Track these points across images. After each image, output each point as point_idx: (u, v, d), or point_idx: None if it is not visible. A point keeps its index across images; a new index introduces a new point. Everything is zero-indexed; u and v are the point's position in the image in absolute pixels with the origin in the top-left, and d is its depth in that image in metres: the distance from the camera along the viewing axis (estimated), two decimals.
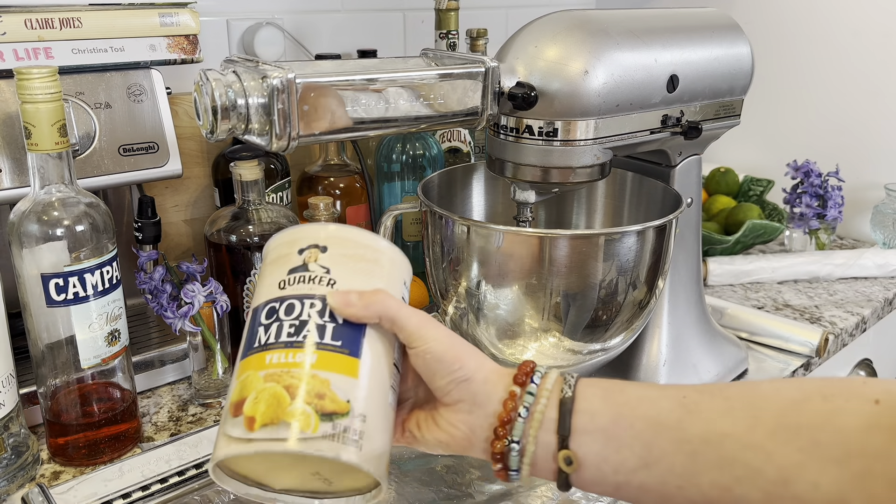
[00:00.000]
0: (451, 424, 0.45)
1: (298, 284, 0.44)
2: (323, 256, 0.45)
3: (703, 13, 0.77)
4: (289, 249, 0.45)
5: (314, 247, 0.45)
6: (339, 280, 0.44)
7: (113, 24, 0.74)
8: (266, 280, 0.45)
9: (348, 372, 0.42)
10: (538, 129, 0.65)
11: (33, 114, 0.60)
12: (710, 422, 0.40)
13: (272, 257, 0.46)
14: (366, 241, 0.46)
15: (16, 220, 0.63)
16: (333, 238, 0.46)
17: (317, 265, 0.44)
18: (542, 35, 0.65)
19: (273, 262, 0.46)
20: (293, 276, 0.44)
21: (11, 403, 0.65)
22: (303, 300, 0.43)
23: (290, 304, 0.43)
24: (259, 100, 0.55)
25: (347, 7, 1.16)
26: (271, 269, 0.46)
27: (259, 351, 0.42)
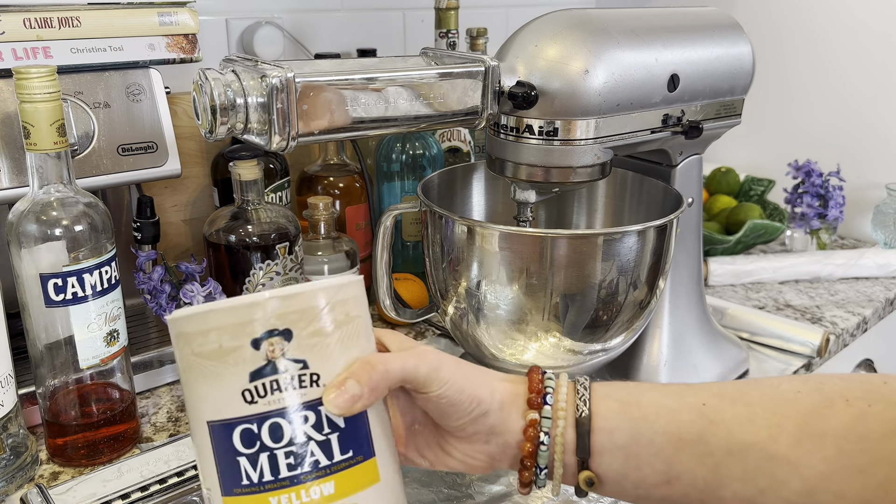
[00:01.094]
0: (468, 455, 0.43)
1: (273, 395, 0.35)
2: (290, 346, 0.35)
3: (703, 12, 0.77)
4: (235, 341, 0.35)
5: (273, 334, 0.35)
6: (321, 371, 0.36)
7: (112, 23, 0.74)
8: (213, 385, 0.35)
9: (371, 479, 0.37)
10: (538, 128, 0.65)
11: (32, 113, 0.60)
12: (732, 432, 0.39)
13: (208, 349, 0.35)
14: (326, 297, 0.36)
15: (14, 220, 0.63)
16: (290, 314, 0.35)
17: (287, 361, 0.35)
18: (543, 34, 0.65)
19: (214, 358, 0.35)
20: (262, 384, 0.35)
21: (10, 404, 0.65)
22: (289, 416, 0.35)
23: (273, 426, 0.35)
24: (258, 99, 0.54)
25: (347, 6, 1.16)
26: (215, 368, 0.35)
27: (256, 492, 0.35)
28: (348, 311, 0.37)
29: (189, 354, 0.36)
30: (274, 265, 0.81)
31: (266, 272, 0.81)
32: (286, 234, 0.82)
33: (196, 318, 0.35)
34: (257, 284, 0.81)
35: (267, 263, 0.81)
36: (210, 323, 0.35)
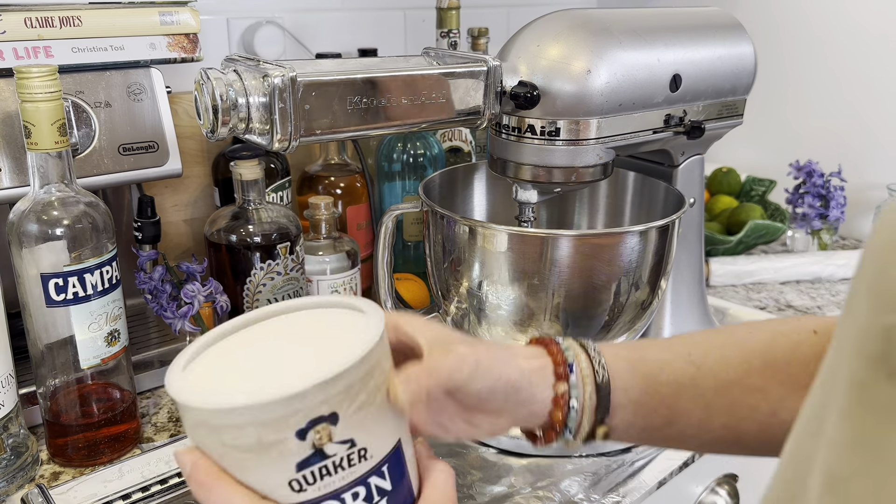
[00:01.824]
0: (494, 424, 0.45)
1: (323, 480, 0.33)
2: (337, 429, 0.33)
3: (705, 12, 0.76)
4: (277, 434, 0.32)
5: (320, 422, 0.32)
6: (368, 445, 0.34)
7: (113, 22, 0.74)
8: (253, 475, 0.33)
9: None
10: (540, 128, 0.65)
11: (33, 113, 0.60)
12: (716, 374, 0.46)
13: (244, 442, 0.32)
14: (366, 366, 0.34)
15: (15, 219, 0.63)
16: (335, 396, 0.32)
17: (335, 445, 0.33)
18: (545, 34, 0.65)
19: (252, 451, 0.32)
20: (311, 473, 0.33)
21: (11, 404, 0.65)
22: (341, 496, 0.34)
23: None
24: (260, 99, 0.54)
25: (348, 6, 1.16)
26: (254, 459, 0.32)
27: None
28: (383, 367, 0.36)
29: (219, 445, 0.33)
30: (275, 265, 0.81)
31: (267, 272, 0.81)
32: (287, 233, 0.82)
33: (226, 414, 0.32)
34: (258, 284, 0.81)
35: (268, 263, 0.81)
36: (245, 417, 0.31)
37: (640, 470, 0.69)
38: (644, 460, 0.71)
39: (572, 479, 0.67)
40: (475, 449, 0.72)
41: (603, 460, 0.70)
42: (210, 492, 0.32)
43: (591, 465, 0.69)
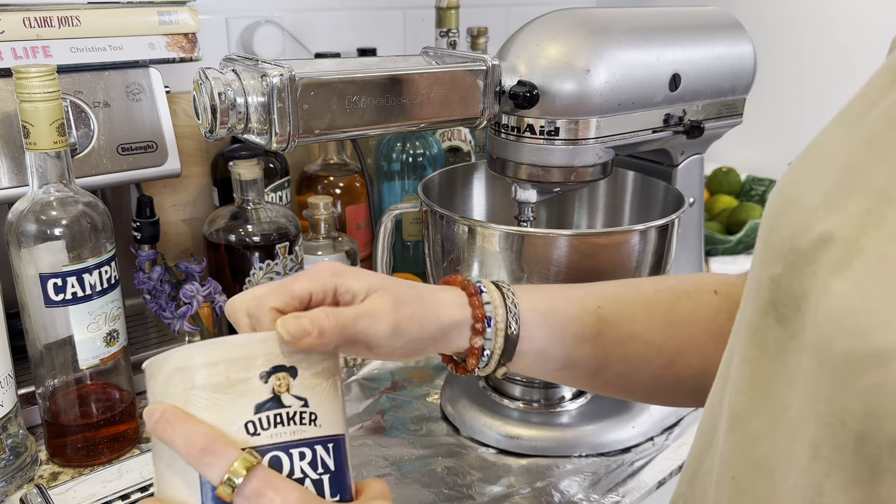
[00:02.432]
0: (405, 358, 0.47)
1: (276, 428, 0.35)
2: (295, 383, 0.36)
3: (705, 12, 0.76)
4: (244, 373, 0.35)
5: (281, 369, 0.36)
6: (318, 412, 0.37)
7: (111, 22, 0.74)
8: (214, 418, 0.35)
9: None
10: (539, 128, 0.65)
11: (31, 113, 0.60)
12: (620, 328, 0.50)
13: (215, 381, 0.35)
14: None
15: (14, 219, 0.63)
16: (296, 354, 0.37)
17: (291, 396, 0.36)
18: (544, 33, 0.65)
19: (220, 390, 0.35)
20: (266, 417, 0.35)
21: (10, 404, 0.65)
22: (288, 451, 0.36)
23: (274, 459, 0.35)
24: (258, 98, 0.54)
25: (347, 5, 1.16)
26: (219, 399, 0.35)
27: None
28: (337, 365, 0.40)
29: (188, 389, 0.36)
30: (274, 265, 0.81)
31: (266, 272, 0.81)
32: (286, 233, 0.82)
33: (204, 350, 0.36)
34: (257, 284, 0.81)
35: (267, 263, 0.81)
36: (219, 355, 0.36)
37: (640, 470, 0.69)
38: (644, 460, 0.71)
39: (572, 479, 0.67)
40: (475, 449, 0.72)
41: (603, 460, 0.70)
42: (175, 428, 0.35)
43: (590, 465, 0.69)
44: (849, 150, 0.29)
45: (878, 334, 0.23)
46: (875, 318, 0.23)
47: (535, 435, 0.71)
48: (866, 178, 0.27)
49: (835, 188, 0.28)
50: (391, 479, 0.67)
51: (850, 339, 0.24)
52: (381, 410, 0.78)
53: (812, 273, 0.27)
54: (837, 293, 0.25)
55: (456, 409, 0.75)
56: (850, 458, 0.24)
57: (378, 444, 0.72)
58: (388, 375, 0.84)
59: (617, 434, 0.71)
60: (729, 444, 0.33)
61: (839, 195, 0.27)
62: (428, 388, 0.82)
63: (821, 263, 0.27)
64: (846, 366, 0.24)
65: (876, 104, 0.29)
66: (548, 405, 0.75)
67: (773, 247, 0.30)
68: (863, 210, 0.26)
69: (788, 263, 0.29)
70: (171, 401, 0.36)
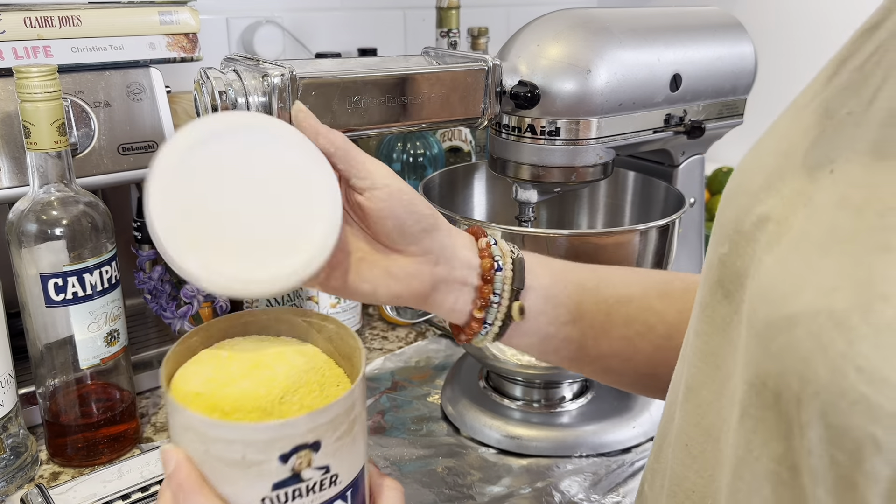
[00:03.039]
0: (412, 276, 0.46)
1: (294, 501, 0.34)
2: (317, 456, 0.34)
3: (706, 12, 0.76)
4: (262, 455, 0.33)
5: (303, 448, 0.34)
6: (340, 471, 0.36)
7: (112, 22, 0.74)
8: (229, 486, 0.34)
9: None
10: (540, 128, 0.65)
11: (32, 112, 0.60)
12: (618, 288, 0.51)
13: (230, 457, 0.33)
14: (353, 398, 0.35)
15: (14, 219, 0.63)
16: (321, 426, 0.34)
17: (312, 470, 0.34)
18: (545, 34, 0.65)
19: (235, 466, 0.33)
20: (284, 493, 0.34)
21: (10, 404, 0.65)
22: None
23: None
24: (259, 99, 0.54)
25: (347, 5, 1.16)
26: (234, 473, 0.34)
27: None
28: (363, 398, 0.37)
29: (203, 451, 0.34)
30: None
31: None
32: None
33: (218, 428, 0.33)
34: None
35: None
36: (235, 435, 0.33)
37: (640, 470, 0.69)
38: (644, 460, 0.71)
39: (572, 479, 0.67)
40: (475, 449, 0.72)
41: (603, 460, 0.70)
42: (188, 496, 0.33)
43: (590, 465, 0.69)
44: (790, 138, 0.31)
45: (789, 302, 0.25)
46: (788, 288, 0.26)
47: (535, 435, 0.71)
48: (800, 162, 0.29)
49: (774, 173, 0.30)
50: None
51: (769, 308, 0.26)
52: (382, 410, 0.78)
53: (752, 251, 0.30)
54: (766, 267, 0.28)
55: (456, 409, 0.75)
56: (770, 414, 0.26)
57: (378, 444, 0.72)
58: (388, 375, 0.84)
59: (617, 434, 0.71)
60: (683, 414, 0.35)
61: (777, 179, 0.30)
62: (428, 388, 0.82)
63: (758, 242, 0.29)
64: (766, 332, 0.26)
65: (817, 95, 0.30)
66: (548, 405, 0.75)
67: (722, 229, 0.33)
68: (794, 191, 0.28)
69: (733, 243, 0.31)
70: (186, 448, 0.34)
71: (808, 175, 0.28)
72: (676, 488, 0.34)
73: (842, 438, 0.23)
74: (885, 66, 0.27)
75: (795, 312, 0.25)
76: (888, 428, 0.21)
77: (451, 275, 0.47)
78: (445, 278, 0.47)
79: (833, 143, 0.28)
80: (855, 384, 0.22)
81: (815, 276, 0.25)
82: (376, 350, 0.89)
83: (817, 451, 0.24)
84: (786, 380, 0.25)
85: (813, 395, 0.24)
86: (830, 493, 0.24)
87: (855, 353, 0.22)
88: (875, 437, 0.22)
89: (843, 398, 0.23)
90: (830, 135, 0.28)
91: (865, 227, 0.24)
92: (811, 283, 0.25)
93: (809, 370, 0.24)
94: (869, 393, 0.22)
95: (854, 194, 0.25)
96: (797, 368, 0.24)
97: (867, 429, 0.22)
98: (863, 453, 0.22)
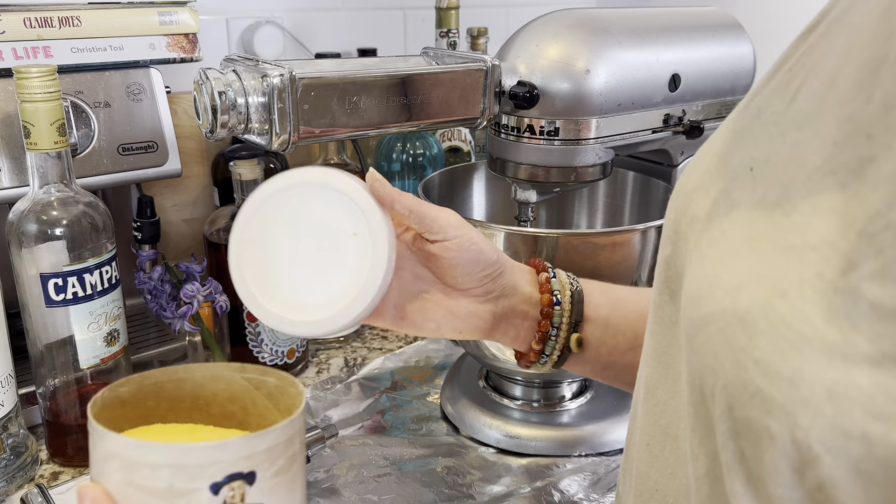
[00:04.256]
0: (474, 314, 0.50)
1: None
2: (252, 490, 0.32)
3: (704, 12, 0.76)
4: (191, 483, 0.30)
5: (236, 478, 0.31)
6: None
7: (112, 22, 0.74)
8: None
9: None
10: (539, 128, 0.65)
11: (32, 113, 0.60)
12: None
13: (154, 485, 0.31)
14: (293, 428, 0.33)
15: (14, 219, 0.63)
16: (258, 454, 0.31)
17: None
18: (544, 34, 0.65)
19: (159, 496, 0.31)
20: None
21: (10, 404, 0.65)
22: None
23: None
24: (259, 99, 0.54)
25: (347, 6, 1.16)
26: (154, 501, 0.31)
27: None
28: (303, 435, 0.35)
29: (125, 483, 0.31)
30: None
31: None
32: None
33: (146, 451, 0.30)
34: None
35: None
36: (163, 458, 0.30)
37: None
38: None
39: (572, 479, 0.67)
40: (475, 449, 0.72)
41: (603, 460, 0.70)
42: None
43: (591, 464, 0.70)
44: (724, 139, 0.31)
45: (705, 300, 0.26)
46: (705, 286, 0.26)
47: (535, 434, 0.71)
48: (727, 162, 0.29)
49: (705, 172, 0.31)
50: (391, 478, 0.67)
51: (691, 307, 0.27)
52: (382, 410, 0.78)
53: (686, 251, 0.30)
54: (692, 266, 0.28)
55: (456, 408, 0.75)
56: (700, 411, 0.27)
57: (378, 443, 0.72)
58: (388, 375, 0.84)
59: (617, 433, 0.72)
60: (643, 413, 0.35)
61: (707, 179, 0.30)
62: (428, 388, 0.82)
63: (689, 241, 0.30)
64: (690, 330, 0.27)
65: (755, 96, 0.31)
66: (548, 405, 0.75)
67: (665, 231, 0.34)
68: (719, 190, 0.29)
69: (673, 244, 0.32)
70: (107, 483, 0.32)
71: (731, 174, 0.28)
72: (642, 487, 0.35)
73: (746, 431, 0.23)
74: (809, 65, 0.27)
75: (709, 311, 0.25)
76: (779, 420, 0.22)
77: (513, 310, 0.51)
78: (506, 314, 0.51)
79: (756, 142, 0.28)
80: (753, 377, 0.23)
81: (726, 274, 0.25)
82: (376, 350, 0.90)
83: (729, 446, 0.24)
84: (703, 376, 0.26)
85: (721, 390, 0.24)
86: (746, 486, 0.24)
87: (753, 347, 0.23)
88: (769, 429, 0.22)
89: (744, 391, 0.23)
90: (756, 133, 0.28)
91: (774, 227, 0.24)
92: (722, 281, 0.25)
93: (717, 364, 0.24)
94: (763, 385, 0.22)
95: (769, 195, 0.25)
96: (710, 364, 0.25)
97: (763, 421, 0.22)
98: (762, 445, 0.22)
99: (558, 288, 0.50)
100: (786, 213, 0.24)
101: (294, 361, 0.83)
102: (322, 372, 0.85)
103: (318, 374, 0.84)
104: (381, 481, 0.67)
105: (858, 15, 0.26)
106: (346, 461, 0.69)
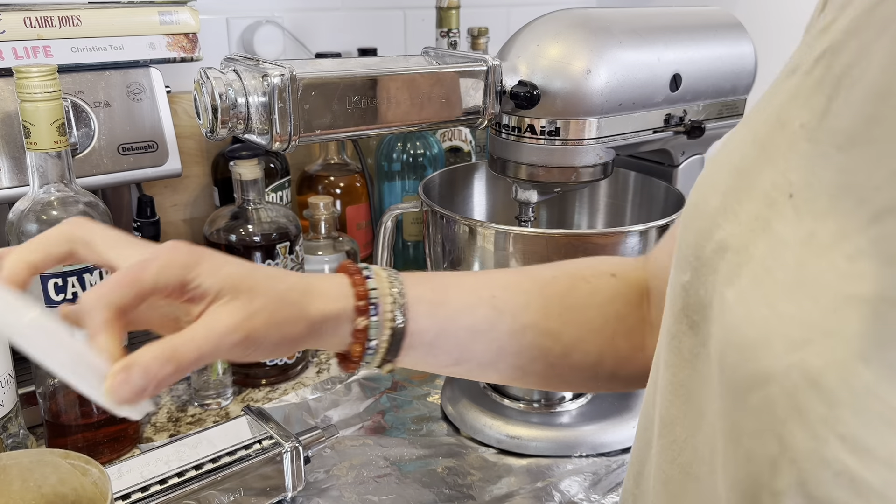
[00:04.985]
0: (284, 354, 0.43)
1: None
2: None
3: (705, 12, 0.76)
4: None
5: None
6: None
7: (112, 22, 0.74)
8: None
9: None
10: (540, 128, 0.65)
11: (32, 112, 0.60)
12: (515, 317, 0.47)
13: None
14: None
15: (15, 219, 0.63)
16: None
17: None
18: (545, 33, 0.65)
19: None
20: None
21: (10, 404, 0.65)
22: None
23: None
24: (259, 98, 0.54)
25: (347, 5, 1.16)
26: None
27: None
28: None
29: None
30: (274, 265, 0.81)
31: None
32: (287, 233, 0.82)
33: None
34: None
35: (267, 263, 0.81)
36: None
37: None
38: None
39: (572, 479, 0.67)
40: (475, 449, 0.72)
41: (603, 460, 0.70)
42: None
43: (590, 465, 0.69)
44: (742, 150, 0.28)
45: (760, 353, 0.23)
46: (756, 334, 0.23)
47: (535, 435, 0.71)
48: (756, 181, 0.26)
49: (729, 192, 0.28)
50: (391, 479, 0.67)
51: (739, 356, 0.24)
52: (382, 410, 0.78)
53: (713, 282, 0.27)
54: (729, 304, 0.25)
55: (456, 409, 0.75)
56: (742, 474, 0.24)
57: (378, 444, 0.72)
58: (388, 375, 0.84)
59: (617, 434, 0.71)
60: (660, 449, 0.33)
61: (733, 200, 0.27)
62: (428, 388, 0.82)
63: (719, 272, 0.27)
64: (740, 383, 0.24)
65: (770, 103, 0.28)
66: (548, 405, 0.75)
67: (682, 254, 0.31)
68: (752, 216, 0.26)
69: (694, 271, 0.29)
70: None
71: (766, 199, 0.25)
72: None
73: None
74: (838, 71, 0.24)
75: (768, 367, 0.23)
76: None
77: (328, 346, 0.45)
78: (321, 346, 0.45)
79: (787, 161, 0.25)
80: (838, 454, 0.20)
81: (782, 323, 0.23)
82: None
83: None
84: (762, 440, 0.23)
85: (790, 462, 0.22)
86: None
87: (835, 420, 0.20)
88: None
89: (826, 468, 0.21)
90: (784, 151, 0.25)
91: (833, 272, 0.22)
92: (779, 332, 0.23)
93: (786, 433, 0.22)
94: (853, 464, 0.20)
95: (821, 231, 0.22)
96: (774, 429, 0.22)
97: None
98: None
99: (376, 326, 0.44)
100: (849, 257, 0.21)
101: (294, 362, 0.83)
102: (322, 372, 0.85)
103: (319, 375, 0.84)
104: (382, 482, 0.67)
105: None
106: (346, 461, 0.69)
